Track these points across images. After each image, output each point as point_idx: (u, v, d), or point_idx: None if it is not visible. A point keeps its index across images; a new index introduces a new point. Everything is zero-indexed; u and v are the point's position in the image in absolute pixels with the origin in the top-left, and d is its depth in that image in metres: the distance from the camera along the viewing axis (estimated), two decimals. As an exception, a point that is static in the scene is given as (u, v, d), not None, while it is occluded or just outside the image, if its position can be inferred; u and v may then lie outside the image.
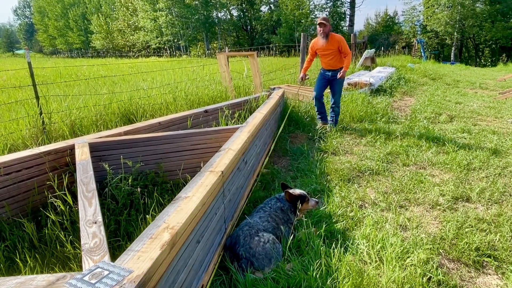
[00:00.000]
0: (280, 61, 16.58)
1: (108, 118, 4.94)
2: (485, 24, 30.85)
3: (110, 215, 2.66)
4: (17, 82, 9.69)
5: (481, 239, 2.61)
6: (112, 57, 41.80)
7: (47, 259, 2.33)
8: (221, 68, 7.14)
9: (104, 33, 53.36)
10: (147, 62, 21.16)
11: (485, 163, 4.14)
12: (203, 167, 2.47)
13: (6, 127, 4.34)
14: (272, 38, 39.98)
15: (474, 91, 10.47)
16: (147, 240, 1.49)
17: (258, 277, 2.10)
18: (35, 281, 1.29)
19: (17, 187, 2.75)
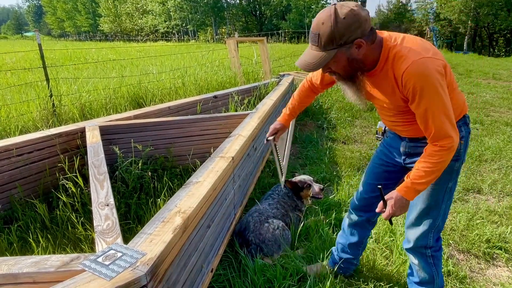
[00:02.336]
0: (289, 48, 16.40)
1: (117, 102, 4.94)
2: (500, 13, 30.03)
3: (120, 198, 2.68)
4: (27, 64, 9.72)
5: (492, 231, 2.58)
6: (120, 40, 41.70)
7: (58, 239, 2.36)
8: (230, 54, 7.07)
9: (112, 16, 53.11)
10: (155, 46, 21.08)
11: (497, 154, 4.07)
12: (214, 152, 2.46)
13: (17, 109, 4.37)
14: (282, 24, 39.47)
15: (487, 81, 10.26)
16: (159, 223, 1.49)
17: (267, 263, 2.11)
18: (50, 261, 1.30)
19: (28, 168, 2.77)
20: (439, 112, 1.27)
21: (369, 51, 1.32)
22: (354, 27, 1.24)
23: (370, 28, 1.30)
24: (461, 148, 1.45)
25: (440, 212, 1.57)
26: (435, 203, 1.54)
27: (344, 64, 1.33)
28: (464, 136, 1.46)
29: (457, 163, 1.49)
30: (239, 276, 2.04)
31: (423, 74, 1.24)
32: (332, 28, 1.24)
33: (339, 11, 1.23)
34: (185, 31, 45.03)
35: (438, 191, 1.53)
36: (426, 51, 1.27)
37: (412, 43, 1.31)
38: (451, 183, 1.54)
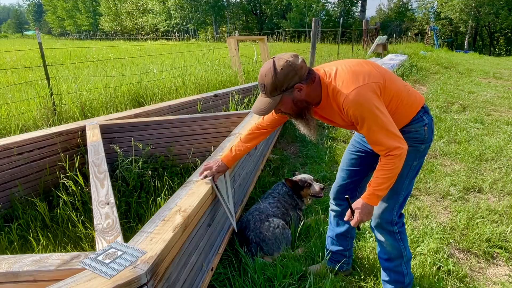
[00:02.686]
0: (290, 47, 16.39)
1: (118, 101, 4.94)
2: (501, 12, 30.00)
3: (120, 197, 2.68)
4: (27, 63, 9.72)
5: (492, 230, 2.58)
6: (121, 39, 41.68)
7: (59, 238, 2.36)
8: (230, 52, 7.07)
9: (113, 15, 53.05)
10: (155, 45, 21.05)
11: (498, 154, 4.07)
12: (214, 151, 2.46)
13: (17, 107, 4.37)
14: (282, 23, 39.42)
15: (488, 80, 10.25)
16: (160, 222, 1.49)
17: (267, 262, 2.11)
18: (50, 259, 1.31)
19: (29, 167, 2.78)
20: (380, 129, 1.46)
21: (311, 91, 1.53)
22: (291, 75, 1.46)
23: (308, 71, 1.51)
24: (426, 134, 1.64)
25: (403, 187, 1.70)
26: (399, 179, 1.62)
27: (290, 105, 1.55)
28: (428, 122, 1.64)
29: (422, 145, 1.66)
30: (239, 275, 2.04)
31: (358, 103, 1.44)
32: (273, 79, 1.46)
33: (277, 63, 1.46)
34: (186, 30, 44.99)
35: (403, 168, 1.61)
36: (356, 81, 1.46)
37: (343, 75, 1.50)
38: (415, 162, 1.68)
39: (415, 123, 1.62)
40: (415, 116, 1.62)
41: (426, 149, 1.69)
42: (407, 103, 1.60)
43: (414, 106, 1.62)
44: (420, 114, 1.63)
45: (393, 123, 1.48)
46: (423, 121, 1.62)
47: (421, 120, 1.62)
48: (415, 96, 1.65)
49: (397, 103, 1.57)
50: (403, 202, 1.74)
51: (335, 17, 38.46)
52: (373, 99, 1.45)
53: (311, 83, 1.52)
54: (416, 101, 1.64)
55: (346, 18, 37.39)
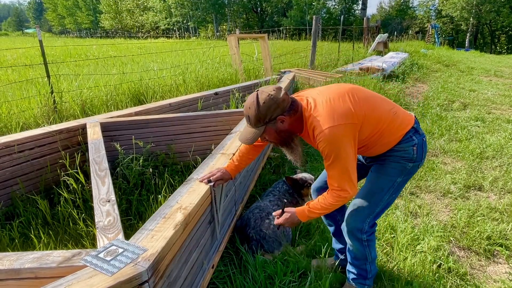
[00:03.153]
0: (290, 45, 16.36)
1: (118, 99, 4.94)
2: (502, 10, 29.91)
3: (121, 195, 2.68)
4: (28, 61, 9.72)
5: (493, 228, 2.58)
6: (121, 37, 41.63)
7: (60, 235, 2.37)
8: (231, 50, 7.06)
9: (113, 13, 52.99)
10: (156, 43, 21.03)
11: (498, 152, 4.07)
12: (215, 149, 2.46)
13: (18, 105, 4.37)
14: (283, 21, 39.34)
15: (489, 78, 10.23)
16: (161, 219, 1.49)
17: (268, 259, 2.11)
18: (51, 257, 1.31)
19: (30, 164, 2.78)
20: (340, 169, 1.55)
21: (293, 122, 1.62)
22: (273, 108, 1.54)
23: (290, 104, 1.59)
24: (414, 153, 1.66)
25: (381, 201, 1.73)
26: (379, 191, 1.71)
27: (274, 135, 1.64)
28: (417, 142, 1.67)
29: (410, 163, 1.68)
30: (240, 272, 2.04)
31: (328, 140, 1.51)
32: (256, 112, 1.55)
33: (260, 97, 1.55)
34: (186, 28, 44.92)
35: (386, 181, 1.71)
36: (332, 119, 1.52)
37: (321, 110, 1.55)
38: (400, 179, 1.71)
39: (404, 143, 1.66)
40: (403, 136, 1.66)
41: (414, 168, 1.71)
42: (393, 127, 1.64)
43: (401, 128, 1.66)
44: (409, 134, 1.67)
45: (353, 168, 1.56)
46: (413, 141, 1.66)
47: (410, 140, 1.66)
48: (403, 119, 1.68)
49: (381, 129, 1.63)
50: (378, 214, 1.76)
51: (336, 15, 38.37)
52: (344, 141, 1.51)
53: (294, 114, 1.60)
54: (403, 123, 1.67)
55: (347, 16, 37.28)
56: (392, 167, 1.69)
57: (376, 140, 1.65)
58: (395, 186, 1.72)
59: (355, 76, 7.64)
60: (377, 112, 1.62)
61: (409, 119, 1.70)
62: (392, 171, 1.68)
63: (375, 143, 1.68)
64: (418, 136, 1.68)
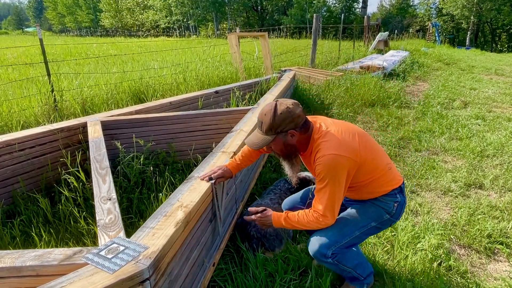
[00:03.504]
0: (291, 43, 16.33)
1: (119, 97, 4.94)
2: (503, 8, 29.83)
3: (122, 193, 2.68)
4: (28, 59, 9.71)
5: (494, 226, 2.58)
6: (121, 36, 41.59)
7: (61, 234, 2.37)
8: (231, 49, 7.05)
9: (113, 12, 52.92)
10: (156, 42, 21.00)
11: (499, 150, 4.06)
12: (215, 147, 2.46)
13: (19, 104, 4.37)
14: (283, 19, 39.27)
15: (490, 77, 10.22)
16: (162, 217, 1.49)
17: (268, 257, 2.12)
18: (53, 255, 1.31)
19: (31, 163, 2.78)
20: (328, 195, 1.59)
21: (301, 139, 1.69)
22: (288, 121, 1.61)
23: (304, 121, 1.66)
24: (393, 209, 1.76)
25: (350, 235, 1.77)
26: (352, 225, 1.78)
27: (281, 147, 1.70)
28: (399, 201, 1.77)
29: (387, 215, 1.77)
30: (241, 270, 2.05)
31: (327, 165, 1.57)
32: (271, 120, 1.61)
33: (278, 107, 1.61)
34: (186, 26, 44.85)
35: (362, 219, 1.79)
36: (339, 148, 1.59)
37: (332, 138, 1.63)
38: (374, 224, 1.79)
39: (388, 197, 1.76)
40: (389, 192, 1.75)
41: (388, 221, 1.79)
42: (384, 180, 1.74)
43: (390, 184, 1.75)
44: (394, 191, 1.76)
45: (340, 200, 1.63)
46: (396, 198, 1.76)
47: (394, 196, 1.76)
48: (393, 177, 1.77)
49: (373, 178, 1.72)
50: (343, 246, 1.77)
51: (336, 13, 38.29)
52: (341, 171, 1.58)
53: (304, 132, 1.68)
54: (393, 180, 1.77)
55: (347, 15, 37.21)
56: (371, 210, 1.78)
57: (365, 185, 1.73)
58: (368, 227, 1.78)
59: (355, 75, 7.63)
60: (375, 161, 1.70)
61: (399, 179, 1.80)
62: (371, 213, 1.78)
63: (363, 188, 1.76)
64: (401, 196, 1.78)
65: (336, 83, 6.65)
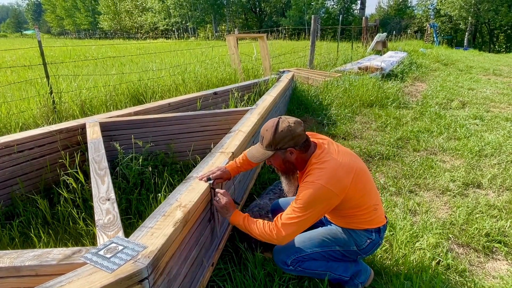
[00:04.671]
0: (289, 44, 16.37)
1: (117, 99, 4.95)
2: (501, 9, 29.93)
3: (121, 194, 2.69)
4: (27, 62, 9.72)
5: (492, 225, 2.59)
6: (120, 38, 41.65)
7: (60, 235, 2.37)
8: (230, 50, 7.06)
9: (112, 14, 53.01)
10: (155, 44, 21.03)
11: (497, 149, 4.08)
12: (214, 148, 2.47)
13: (17, 106, 4.37)
14: (282, 21, 39.35)
15: (488, 77, 10.24)
16: (160, 217, 1.50)
17: (267, 257, 2.12)
18: (52, 254, 1.32)
19: (30, 164, 2.78)
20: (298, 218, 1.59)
21: (300, 158, 1.72)
22: (288, 139, 1.64)
23: (305, 141, 1.68)
24: (364, 245, 1.77)
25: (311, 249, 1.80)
26: (315, 241, 1.81)
27: (280, 162, 1.74)
28: (373, 239, 1.77)
29: (355, 248, 1.78)
30: (240, 270, 2.05)
31: (311, 192, 1.57)
32: (271, 137, 1.65)
33: (280, 124, 1.65)
34: (185, 28, 44.91)
35: (327, 240, 1.81)
36: (328, 181, 1.58)
37: (327, 167, 1.62)
38: (338, 248, 1.80)
39: (363, 232, 1.76)
40: (367, 229, 1.76)
41: (354, 253, 1.80)
42: (366, 218, 1.74)
43: (371, 223, 1.76)
44: (371, 231, 1.77)
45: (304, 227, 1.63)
46: (371, 236, 1.77)
47: (370, 234, 1.76)
48: (375, 218, 1.77)
49: (354, 213, 1.72)
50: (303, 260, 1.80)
51: (335, 14, 38.38)
52: (321, 202, 1.59)
53: (303, 152, 1.70)
54: (375, 220, 1.76)
55: (345, 16, 37.32)
56: (341, 237, 1.79)
57: (345, 216, 1.75)
58: (330, 249, 1.80)
59: (354, 75, 7.65)
60: (362, 199, 1.70)
61: (381, 221, 1.79)
62: (339, 239, 1.79)
63: (342, 218, 1.78)
64: (377, 236, 1.78)
65: (335, 84, 6.67)
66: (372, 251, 1.82)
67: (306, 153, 1.71)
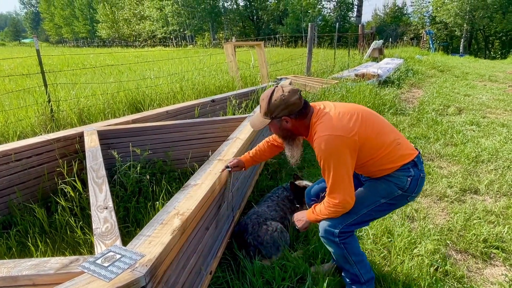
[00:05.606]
0: (286, 52, 16.48)
1: (115, 107, 4.96)
2: (495, 16, 30.28)
3: (119, 202, 2.68)
4: (25, 70, 9.73)
5: (489, 231, 2.60)
6: (118, 46, 41.81)
7: (57, 244, 2.36)
8: (228, 58, 7.11)
9: (110, 22, 53.26)
10: (153, 52, 21.12)
11: (494, 155, 4.10)
12: (212, 155, 2.47)
13: (15, 114, 4.37)
14: (279, 29, 39.65)
15: (483, 83, 10.33)
16: (158, 225, 1.50)
17: (265, 265, 2.12)
18: (49, 263, 1.31)
19: (27, 173, 2.78)
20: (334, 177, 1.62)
21: (298, 125, 1.77)
22: (281, 108, 1.70)
23: (300, 109, 1.72)
24: (407, 184, 1.72)
25: (357, 213, 1.77)
26: (359, 203, 1.76)
27: (277, 130, 1.82)
28: (413, 175, 1.72)
29: (400, 191, 1.74)
30: (238, 278, 2.05)
31: (324, 147, 1.61)
32: (266, 106, 1.73)
33: (274, 94, 1.71)
34: (183, 36, 45.14)
35: (369, 197, 1.78)
36: (332, 128, 1.62)
37: (327, 119, 1.67)
38: (383, 200, 1.77)
39: (400, 172, 1.72)
40: (401, 166, 1.72)
41: (402, 197, 1.76)
42: (393, 156, 1.71)
43: (401, 159, 1.72)
44: (407, 166, 1.72)
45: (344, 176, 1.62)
46: (409, 172, 1.72)
47: (407, 170, 1.72)
48: (403, 151, 1.73)
49: (380, 155, 1.70)
50: (352, 225, 1.79)
51: (331, 22, 38.72)
52: (338, 150, 1.60)
53: (300, 119, 1.74)
54: (404, 155, 1.73)
55: (342, 23, 37.64)
56: (381, 187, 1.76)
57: (373, 164, 1.71)
58: (377, 205, 1.77)
59: (351, 82, 7.70)
60: (380, 139, 1.69)
61: (411, 153, 1.75)
62: (380, 191, 1.76)
63: (372, 167, 1.74)
64: (416, 170, 1.73)
65: (332, 91, 6.71)
66: (419, 187, 1.75)
67: (305, 119, 1.74)
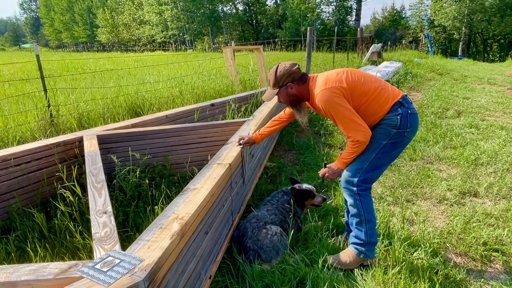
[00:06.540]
0: (286, 56, 16.52)
1: (115, 111, 4.96)
2: (494, 19, 30.37)
3: (118, 207, 2.68)
4: (25, 75, 9.75)
5: (489, 233, 2.60)
6: (118, 51, 41.93)
7: (57, 248, 2.36)
8: (227, 62, 7.13)
9: (110, 27, 53.39)
10: (152, 56, 21.18)
11: (493, 158, 4.10)
12: (211, 159, 2.48)
13: (15, 119, 4.37)
14: (278, 33, 39.75)
15: (482, 86, 10.35)
16: (157, 230, 1.50)
17: (265, 269, 2.11)
18: (48, 269, 1.31)
19: (26, 178, 2.78)
20: (342, 120, 1.99)
21: (301, 89, 2.17)
22: (286, 76, 2.14)
23: (301, 76, 2.15)
24: (398, 122, 2.01)
25: (368, 159, 2.08)
26: (366, 151, 2.09)
27: (285, 97, 2.23)
28: (401, 113, 2.01)
29: (394, 130, 2.02)
30: (238, 282, 2.04)
31: (322, 100, 2.00)
32: (273, 77, 2.18)
33: (279, 68, 2.16)
34: (182, 40, 45.27)
35: (371, 144, 2.07)
36: (324, 84, 2.01)
37: (318, 80, 2.08)
38: (385, 142, 2.05)
39: (389, 114, 2.03)
40: (390, 108, 2.03)
41: (399, 134, 2.03)
42: (380, 99, 2.03)
43: (387, 101, 2.03)
44: (395, 107, 2.03)
45: (355, 115, 1.97)
46: (397, 111, 2.02)
47: (395, 110, 2.02)
48: (389, 94, 2.05)
49: (368, 100, 2.03)
50: (368, 171, 2.09)
51: (330, 26, 38.84)
52: (335, 98, 1.96)
53: (301, 84, 2.15)
54: (389, 97, 2.04)
55: (341, 27, 37.75)
56: (378, 132, 2.05)
57: (364, 109, 2.02)
58: (381, 147, 2.05)
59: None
60: (366, 86, 2.02)
61: (396, 95, 2.06)
62: (378, 135, 2.05)
63: (366, 112, 2.03)
64: (403, 108, 2.02)
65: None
66: (410, 123, 2.02)
67: (305, 84, 2.14)
